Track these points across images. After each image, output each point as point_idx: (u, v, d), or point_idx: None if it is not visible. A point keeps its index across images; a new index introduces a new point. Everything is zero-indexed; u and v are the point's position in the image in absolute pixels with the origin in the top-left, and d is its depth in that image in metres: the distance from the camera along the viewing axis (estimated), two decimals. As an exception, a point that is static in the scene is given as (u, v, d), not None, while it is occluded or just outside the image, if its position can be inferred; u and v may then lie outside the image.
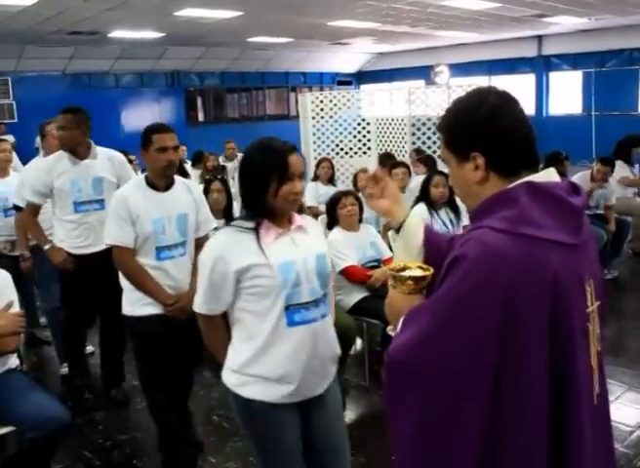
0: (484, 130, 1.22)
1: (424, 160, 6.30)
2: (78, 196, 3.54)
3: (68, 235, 3.59)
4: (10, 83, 13.49)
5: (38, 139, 4.58)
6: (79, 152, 3.56)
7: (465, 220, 4.27)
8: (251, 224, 1.90)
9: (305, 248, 1.95)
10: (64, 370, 4.08)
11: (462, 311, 1.12)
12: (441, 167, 6.03)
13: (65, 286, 3.72)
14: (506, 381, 1.12)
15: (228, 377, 1.97)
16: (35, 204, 3.63)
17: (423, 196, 4.39)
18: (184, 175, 6.93)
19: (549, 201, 1.18)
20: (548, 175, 1.24)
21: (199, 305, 1.97)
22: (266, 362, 1.90)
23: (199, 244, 2.74)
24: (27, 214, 3.68)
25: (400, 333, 1.24)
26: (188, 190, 2.92)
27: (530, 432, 1.13)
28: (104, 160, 3.63)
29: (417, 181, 5.51)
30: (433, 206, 4.31)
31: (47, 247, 3.62)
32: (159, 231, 2.76)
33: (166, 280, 2.82)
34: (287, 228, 1.95)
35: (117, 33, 11.60)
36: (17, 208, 4.03)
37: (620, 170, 6.51)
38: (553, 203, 1.18)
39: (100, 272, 3.45)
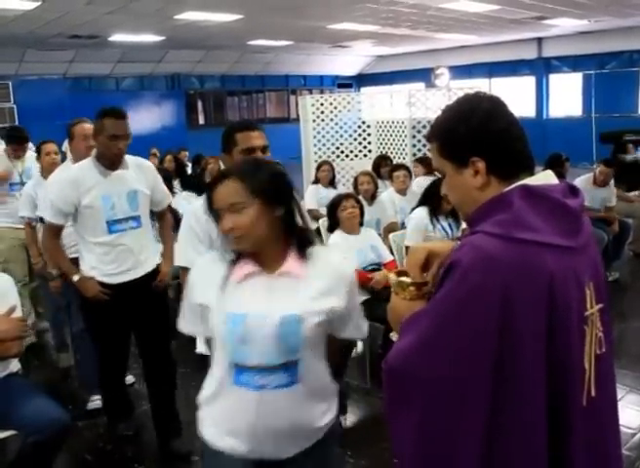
0: (481, 134, 1.22)
1: (422, 161, 6.31)
2: (112, 214, 2.96)
3: (100, 261, 3.00)
4: (11, 87, 13.51)
5: (66, 143, 4.21)
6: (114, 163, 2.99)
7: (464, 225, 4.26)
8: (232, 255, 1.64)
9: (277, 302, 1.60)
10: (94, 403, 3.68)
11: (459, 316, 1.13)
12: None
13: (94, 320, 3.12)
14: (505, 385, 1.12)
15: (198, 407, 1.79)
16: (56, 226, 3.02)
17: (428, 200, 4.32)
18: (185, 179, 6.94)
19: (544, 204, 1.18)
20: (545, 178, 1.24)
21: (183, 325, 1.79)
22: (217, 408, 1.71)
23: None
24: (48, 239, 3.09)
25: (398, 340, 1.24)
26: None
27: (530, 435, 1.13)
28: (135, 169, 3.08)
29: (419, 184, 5.51)
30: (436, 211, 4.27)
31: (76, 278, 3.02)
32: None
33: None
34: (269, 270, 1.62)
35: (117, 37, 11.63)
36: (43, 220, 3.49)
37: None
38: (548, 206, 1.18)
39: (140, 301, 3.04)
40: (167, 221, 3.42)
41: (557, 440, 1.16)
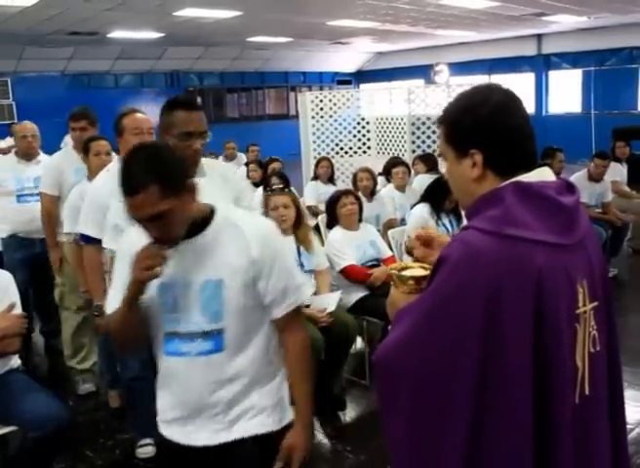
0: (484, 128, 1.21)
1: (425, 158, 6.31)
2: None
3: None
4: (9, 84, 13.51)
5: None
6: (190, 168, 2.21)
7: (465, 222, 4.25)
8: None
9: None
10: (144, 449, 3.09)
11: (445, 311, 1.13)
12: (443, 165, 6.04)
13: None
14: (490, 382, 1.11)
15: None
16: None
17: (430, 197, 4.31)
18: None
19: (536, 200, 1.17)
20: (540, 175, 1.23)
21: None
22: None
23: None
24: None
25: (389, 333, 1.25)
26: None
27: (515, 432, 1.12)
28: (214, 177, 2.38)
29: (420, 181, 5.51)
30: (438, 208, 4.26)
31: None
32: None
33: None
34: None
35: (117, 33, 11.61)
36: (86, 238, 2.84)
37: (615, 172, 6.48)
38: (541, 202, 1.17)
39: None
40: None
41: (545, 437, 1.15)
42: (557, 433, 1.16)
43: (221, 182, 2.40)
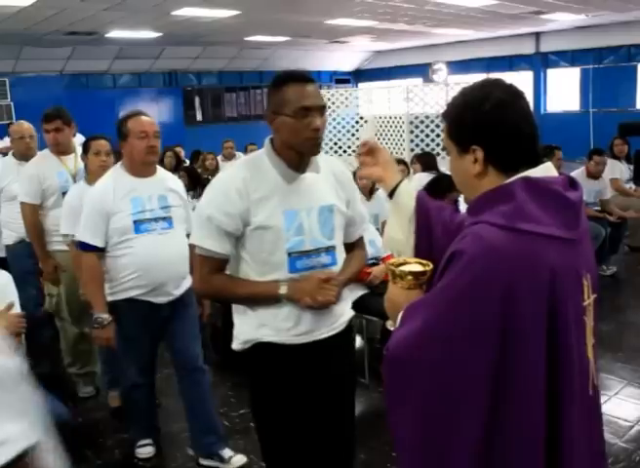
0: (485, 124, 1.22)
1: (420, 158, 6.31)
2: (298, 242, 1.92)
3: (274, 317, 1.94)
4: (7, 84, 13.48)
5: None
6: (304, 159, 1.96)
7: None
8: None
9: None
10: (144, 449, 3.16)
11: (461, 307, 1.13)
12: (442, 164, 6.03)
13: (269, 401, 2.06)
14: (505, 378, 1.12)
15: None
16: (219, 258, 1.94)
17: (429, 196, 4.29)
18: (194, 176, 6.87)
19: (546, 196, 1.19)
20: (545, 170, 1.24)
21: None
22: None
23: None
24: (208, 277, 1.98)
25: (399, 329, 1.25)
26: None
27: (527, 429, 1.13)
28: (328, 174, 2.04)
29: (419, 180, 5.51)
30: None
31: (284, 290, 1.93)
32: None
33: None
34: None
35: (115, 33, 11.59)
36: (85, 245, 2.77)
37: (614, 169, 6.48)
38: (550, 198, 1.19)
39: (327, 371, 2.06)
40: (361, 254, 2.22)
41: (558, 430, 1.16)
42: (570, 426, 1.17)
43: (335, 182, 2.07)
